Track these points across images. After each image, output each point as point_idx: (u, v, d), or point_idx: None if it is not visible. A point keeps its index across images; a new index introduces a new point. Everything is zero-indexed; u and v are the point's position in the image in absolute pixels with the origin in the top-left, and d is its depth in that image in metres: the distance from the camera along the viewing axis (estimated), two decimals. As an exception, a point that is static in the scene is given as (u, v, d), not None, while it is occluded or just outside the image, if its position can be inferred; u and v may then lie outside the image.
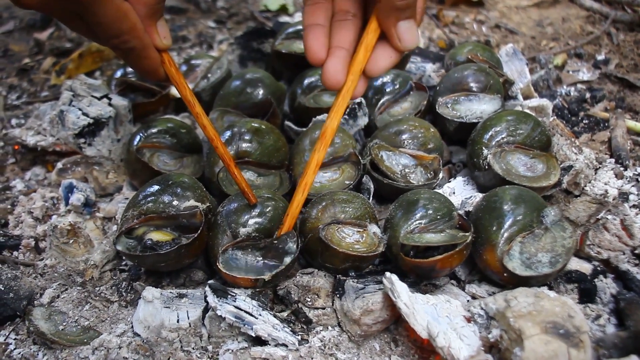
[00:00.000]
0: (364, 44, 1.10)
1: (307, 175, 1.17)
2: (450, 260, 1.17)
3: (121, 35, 1.06)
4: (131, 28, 1.06)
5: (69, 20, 1.07)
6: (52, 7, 1.02)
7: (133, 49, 1.10)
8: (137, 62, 1.14)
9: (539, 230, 1.21)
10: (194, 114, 1.21)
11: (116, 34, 1.06)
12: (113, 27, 1.04)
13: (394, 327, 1.20)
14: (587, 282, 1.24)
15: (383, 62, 1.11)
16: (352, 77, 1.10)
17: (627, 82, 1.96)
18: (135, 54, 1.11)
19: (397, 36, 1.08)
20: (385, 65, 1.12)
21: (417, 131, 1.47)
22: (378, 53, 1.11)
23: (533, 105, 1.60)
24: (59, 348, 1.16)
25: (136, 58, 1.12)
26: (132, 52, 1.10)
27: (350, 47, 1.11)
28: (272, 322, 1.15)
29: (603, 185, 1.42)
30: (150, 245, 1.21)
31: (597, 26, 2.31)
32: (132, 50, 1.10)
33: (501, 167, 1.35)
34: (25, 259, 1.40)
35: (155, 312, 1.17)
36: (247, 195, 1.24)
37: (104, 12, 1.01)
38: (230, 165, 1.22)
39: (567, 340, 1.01)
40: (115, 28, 1.04)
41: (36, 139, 1.61)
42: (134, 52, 1.10)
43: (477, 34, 2.36)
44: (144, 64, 1.14)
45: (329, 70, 1.09)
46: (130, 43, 1.08)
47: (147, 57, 1.13)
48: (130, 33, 1.06)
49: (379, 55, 1.11)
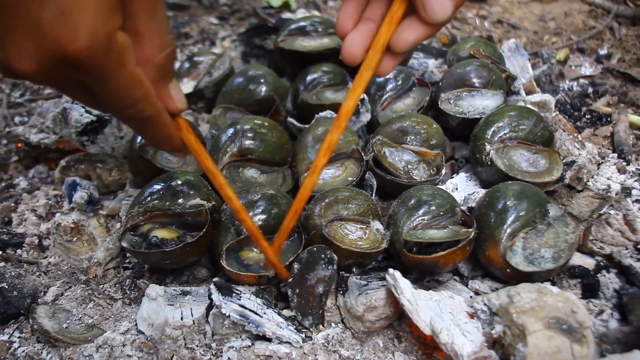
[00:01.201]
0: (389, 15, 0.98)
1: (319, 157, 1.06)
2: (453, 256, 1.18)
3: (136, 104, 0.92)
4: (145, 95, 0.92)
5: (72, 90, 0.93)
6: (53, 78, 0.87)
7: (149, 118, 0.96)
8: (153, 131, 1.00)
9: (541, 226, 1.21)
10: (217, 184, 1.10)
11: (130, 103, 0.91)
12: (127, 96, 0.90)
13: (398, 323, 1.21)
14: (590, 278, 1.24)
15: (409, 36, 0.98)
16: (373, 52, 0.99)
17: (629, 77, 1.96)
18: (151, 123, 0.98)
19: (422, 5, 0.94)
20: (411, 39, 0.98)
21: (420, 127, 1.47)
22: (404, 25, 0.99)
23: (535, 101, 1.60)
24: (62, 346, 1.16)
25: (151, 127, 0.99)
26: (148, 121, 0.97)
27: (380, 20, 1.00)
28: (276, 321, 1.15)
29: (606, 180, 1.42)
30: (155, 243, 1.22)
31: (599, 21, 2.31)
32: (147, 120, 0.96)
33: (504, 163, 1.35)
34: (29, 257, 1.40)
35: (159, 309, 1.17)
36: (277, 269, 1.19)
37: (117, 80, 0.87)
38: (259, 239, 1.14)
39: (570, 335, 1.01)
40: (129, 97, 0.90)
41: (39, 136, 1.61)
42: (150, 120, 0.97)
43: (479, 29, 2.35)
44: (161, 132, 1.01)
45: (346, 43, 1.00)
46: (146, 112, 0.94)
47: (163, 123, 0.99)
48: (145, 100, 0.92)
49: (405, 27, 0.98)
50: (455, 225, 1.25)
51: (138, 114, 0.94)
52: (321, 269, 1.19)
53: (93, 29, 0.78)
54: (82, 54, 0.79)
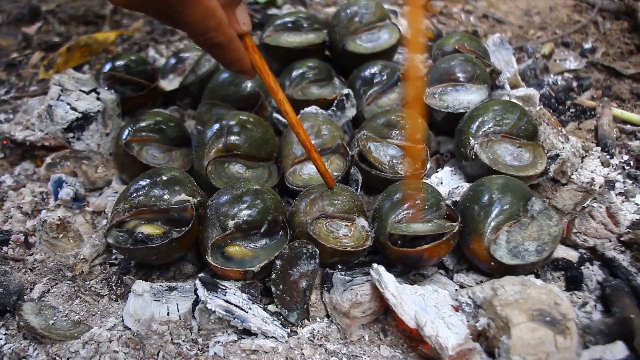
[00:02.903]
0: None
1: None
2: (437, 249, 1.18)
3: (208, 32, 1.07)
4: (217, 25, 1.07)
5: (161, 17, 1.10)
6: (146, 7, 1.05)
7: (220, 44, 1.11)
8: (223, 55, 1.15)
9: (525, 219, 1.22)
10: (277, 100, 1.23)
11: (203, 32, 1.07)
12: (200, 26, 1.06)
13: (383, 317, 1.21)
14: (573, 270, 1.25)
15: None
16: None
17: (613, 71, 1.97)
18: (222, 48, 1.13)
19: None
20: None
21: (405, 122, 1.47)
22: None
23: (520, 95, 1.60)
24: (49, 342, 1.16)
25: (222, 52, 1.14)
26: (219, 46, 1.12)
27: None
28: (262, 316, 1.16)
29: (589, 173, 1.43)
30: (141, 239, 1.22)
31: (584, 15, 2.32)
32: (218, 45, 1.12)
33: (488, 157, 1.36)
34: (15, 254, 1.40)
35: (145, 305, 1.17)
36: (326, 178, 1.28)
37: (191, 12, 1.03)
38: (311, 150, 1.25)
39: (553, 327, 1.02)
40: (202, 26, 1.06)
41: (25, 133, 1.61)
42: (221, 46, 1.12)
43: (464, 24, 2.36)
44: (230, 56, 1.15)
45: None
46: (217, 39, 1.10)
47: (232, 49, 1.14)
48: (217, 30, 1.08)
49: None
50: (440, 219, 1.25)
51: (211, 40, 1.09)
52: (303, 264, 1.19)
53: None
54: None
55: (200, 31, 1.07)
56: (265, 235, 1.27)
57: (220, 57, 1.17)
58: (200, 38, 1.09)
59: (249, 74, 1.22)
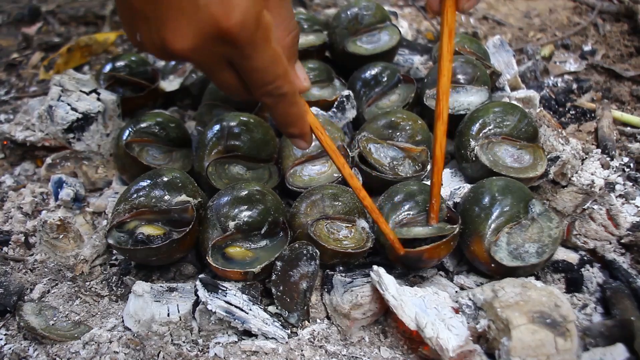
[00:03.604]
0: None
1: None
2: (437, 250, 1.18)
3: (277, 79, 1.00)
4: (284, 72, 1.00)
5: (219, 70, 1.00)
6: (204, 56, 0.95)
7: (285, 95, 1.03)
8: (288, 109, 1.07)
9: (526, 221, 1.22)
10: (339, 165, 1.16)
11: (272, 79, 0.99)
12: (269, 72, 0.98)
13: (383, 318, 1.21)
14: (573, 272, 1.25)
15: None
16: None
17: (613, 73, 1.97)
18: (287, 100, 1.04)
19: None
20: None
21: (405, 123, 1.47)
22: None
23: (520, 97, 1.61)
24: (49, 343, 1.16)
25: (287, 105, 1.05)
26: (284, 98, 1.03)
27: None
28: (262, 317, 1.16)
29: (589, 175, 1.43)
30: (142, 239, 1.22)
31: (583, 17, 2.32)
32: (284, 97, 1.03)
33: (488, 159, 1.36)
34: (15, 254, 1.40)
35: (145, 306, 1.17)
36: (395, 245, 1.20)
37: (262, 56, 0.95)
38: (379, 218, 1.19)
39: (553, 329, 1.02)
40: (271, 73, 0.98)
41: (25, 134, 1.61)
42: (286, 98, 1.04)
43: (464, 25, 2.36)
44: (294, 111, 1.08)
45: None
46: (284, 88, 1.01)
47: (297, 102, 1.07)
48: (285, 77, 1.00)
49: None
50: (441, 221, 1.26)
51: (277, 89, 1.01)
52: (304, 265, 1.20)
53: (245, 7, 0.88)
54: (235, 29, 0.88)
55: (269, 78, 0.99)
56: (266, 236, 1.27)
57: (283, 112, 1.07)
58: (269, 87, 1.00)
59: (305, 139, 1.15)
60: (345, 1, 2.49)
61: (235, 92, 1.06)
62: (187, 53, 0.93)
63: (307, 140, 1.15)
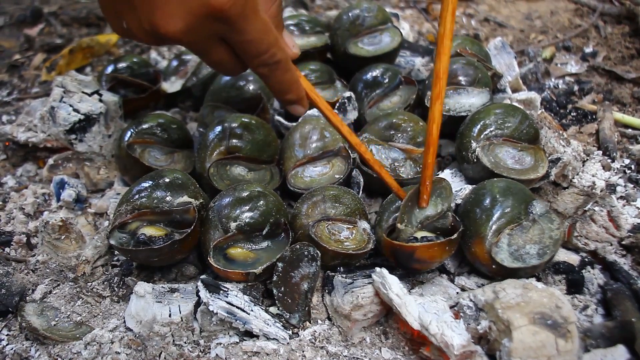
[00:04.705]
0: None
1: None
2: (430, 250, 1.18)
3: (270, 48, 1.04)
4: (275, 39, 1.04)
5: (212, 48, 1.04)
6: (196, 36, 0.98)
7: (279, 62, 1.07)
8: (282, 76, 1.11)
9: (527, 222, 1.22)
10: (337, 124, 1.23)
11: (265, 49, 1.04)
12: (263, 42, 1.02)
13: (385, 319, 1.21)
14: (574, 273, 1.25)
15: None
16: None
17: (614, 75, 1.97)
18: (282, 67, 1.09)
19: None
20: None
21: (407, 125, 1.48)
22: None
23: (521, 98, 1.61)
24: (51, 343, 1.17)
25: (282, 72, 1.10)
26: (279, 65, 1.08)
27: None
28: (263, 318, 1.16)
29: (591, 177, 1.43)
30: (143, 240, 1.22)
31: (585, 19, 2.32)
32: (278, 64, 1.07)
33: (489, 160, 1.36)
34: (17, 255, 1.40)
35: (147, 306, 1.17)
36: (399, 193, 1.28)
37: (253, 28, 0.99)
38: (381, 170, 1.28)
39: (554, 330, 1.02)
40: (264, 42, 1.03)
41: (27, 135, 1.61)
42: (280, 65, 1.08)
43: (466, 27, 2.36)
44: (288, 77, 1.12)
45: None
46: (277, 55, 1.06)
47: (290, 69, 1.11)
48: (276, 45, 1.05)
49: None
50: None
51: (271, 57, 1.05)
52: (305, 266, 1.20)
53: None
54: (225, 5, 0.92)
55: (263, 48, 1.03)
56: (267, 237, 1.27)
57: (279, 79, 1.12)
58: (264, 57, 1.05)
59: (302, 103, 1.19)
60: (346, 3, 2.49)
61: (229, 68, 1.09)
62: (179, 35, 0.95)
63: (303, 105, 1.19)
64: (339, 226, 1.28)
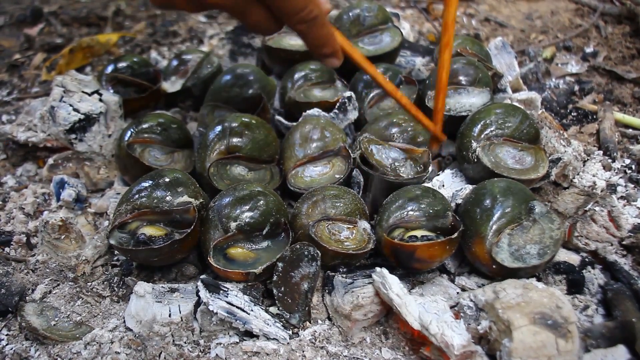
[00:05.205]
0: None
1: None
2: (430, 250, 1.18)
3: (307, 5, 1.06)
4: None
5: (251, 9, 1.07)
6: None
7: (317, 17, 1.09)
8: (319, 30, 1.13)
9: (527, 222, 1.22)
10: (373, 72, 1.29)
11: (303, 6, 1.06)
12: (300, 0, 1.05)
13: (385, 319, 1.21)
14: (575, 273, 1.25)
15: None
16: None
17: (615, 75, 1.97)
18: (319, 23, 1.11)
19: None
20: None
21: (407, 125, 1.48)
22: None
23: (522, 98, 1.61)
24: (51, 343, 1.16)
25: (319, 27, 1.12)
26: (316, 21, 1.10)
27: None
28: (263, 318, 1.16)
29: (591, 177, 1.43)
30: (143, 240, 1.22)
31: (585, 19, 2.32)
32: (315, 19, 1.09)
33: (490, 160, 1.36)
34: (17, 254, 1.40)
35: (147, 306, 1.17)
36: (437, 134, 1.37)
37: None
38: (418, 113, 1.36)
39: (555, 330, 1.02)
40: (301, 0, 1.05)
41: (27, 135, 1.61)
42: (317, 20, 1.10)
43: (467, 27, 2.36)
44: (324, 32, 1.14)
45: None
46: (315, 11, 1.08)
47: (326, 23, 1.13)
48: (312, 1, 1.06)
49: None
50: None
51: (309, 14, 1.07)
52: (305, 266, 1.20)
53: None
54: None
55: (301, 5, 1.05)
56: (267, 237, 1.27)
57: (317, 34, 1.14)
58: (302, 14, 1.07)
59: (338, 56, 1.20)
60: (347, 2, 2.49)
61: (266, 28, 1.12)
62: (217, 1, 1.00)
63: (339, 57, 1.21)
64: (339, 226, 1.28)
